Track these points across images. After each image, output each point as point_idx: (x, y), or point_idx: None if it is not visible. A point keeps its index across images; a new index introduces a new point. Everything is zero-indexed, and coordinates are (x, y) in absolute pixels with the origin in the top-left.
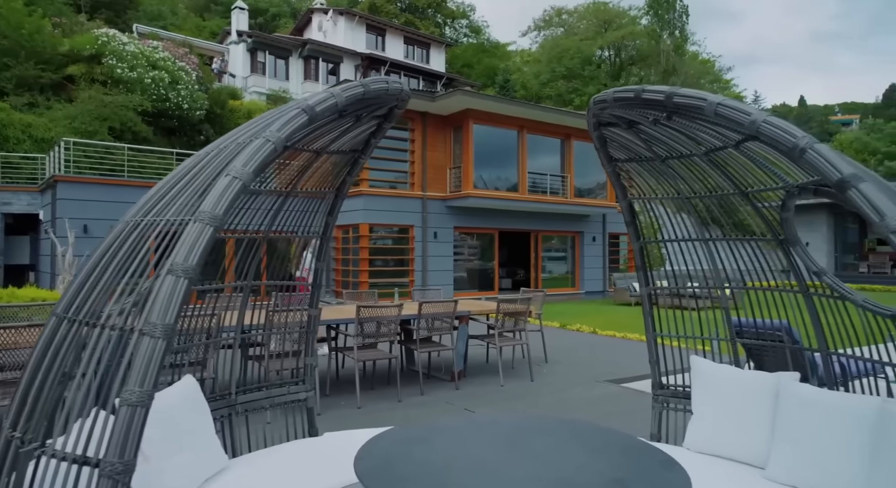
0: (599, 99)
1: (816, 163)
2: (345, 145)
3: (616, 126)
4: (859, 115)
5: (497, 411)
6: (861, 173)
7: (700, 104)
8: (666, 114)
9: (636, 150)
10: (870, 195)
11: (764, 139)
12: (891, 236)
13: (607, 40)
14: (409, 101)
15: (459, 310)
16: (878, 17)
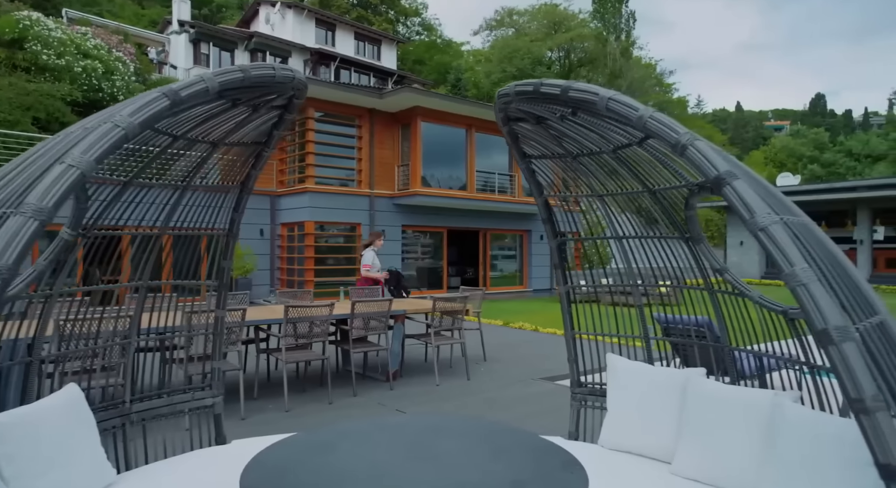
0: (503, 93)
1: (696, 159)
2: (245, 137)
3: (525, 121)
4: (790, 121)
5: (428, 411)
6: (736, 171)
7: (592, 98)
8: (570, 109)
9: (548, 147)
10: (742, 192)
11: (651, 135)
12: (758, 233)
13: (557, 42)
14: (307, 89)
15: (394, 308)
16: (794, 30)
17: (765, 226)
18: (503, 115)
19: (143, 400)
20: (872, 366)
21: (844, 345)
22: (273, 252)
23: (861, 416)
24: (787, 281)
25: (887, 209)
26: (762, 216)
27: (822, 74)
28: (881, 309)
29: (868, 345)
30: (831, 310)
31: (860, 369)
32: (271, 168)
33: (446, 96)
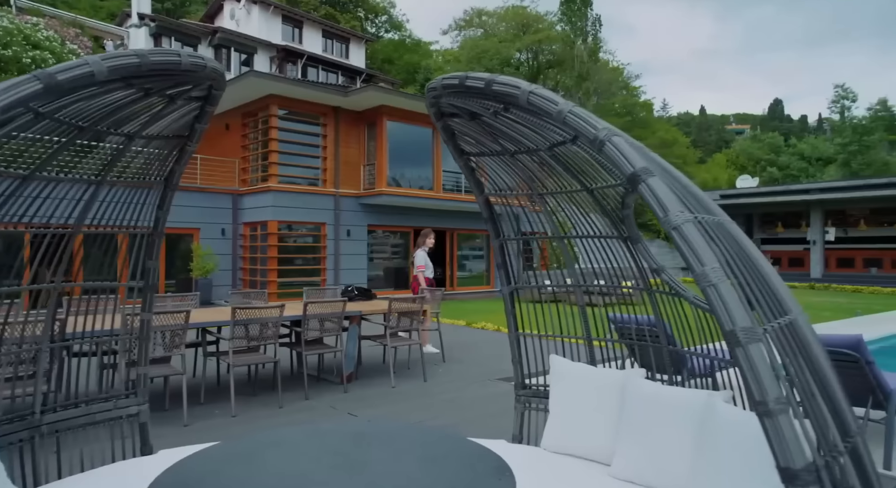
0: (431, 87)
1: (612, 155)
2: (165, 130)
3: (459, 117)
4: (750, 125)
5: (381, 414)
6: (653, 168)
7: (514, 92)
8: (502, 105)
9: (486, 144)
10: (657, 190)
11: (570, 130)
12: (672, 232)
13: (525, 43)
14: (224, 79)
15: (350, 309)
16: (749, 37)
17: (677, 225)
18: (435, 109)
19: (56, 411)
20: (778, 367)
21: (750, 346)
22: (235, 252)
23: (764, 419)
24: (697, 281)
25: (837, 211)
26: (675, 214)
27: (781, 80)
28: (792, 308)
29: (775, 346)
30: (739, 311)
31: (765, 371)
32: (233, 166)
33: (413, 95)
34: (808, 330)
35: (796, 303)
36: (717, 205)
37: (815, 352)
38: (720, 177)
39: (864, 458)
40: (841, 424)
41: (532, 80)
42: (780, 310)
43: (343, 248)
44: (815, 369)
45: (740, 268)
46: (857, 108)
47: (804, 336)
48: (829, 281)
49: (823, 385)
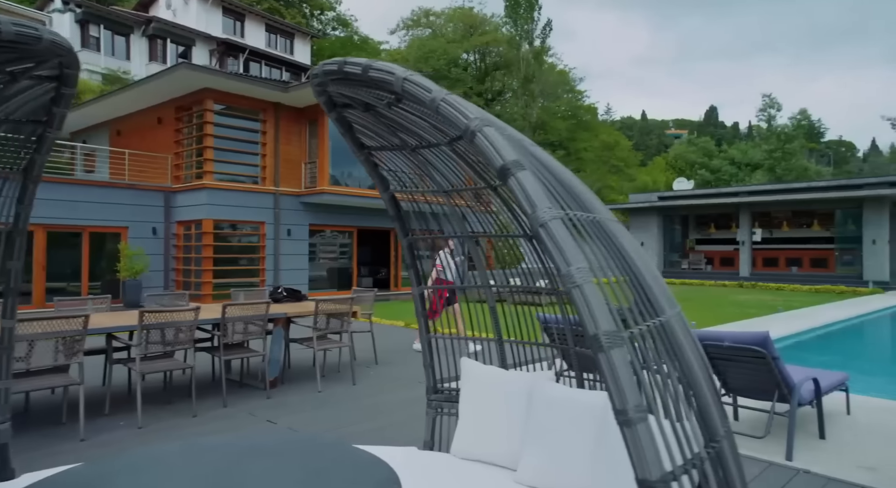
0: (312, 73)
1: (483, 147)
2: (14, 114)
3: (353, 108)
4: (688, 130)
5: (301, 420)
6: (527, 161)
7: (389, 79)
8: (394, 96)
9: (386, 138)
10: (526, 185)
11: (443, 119)
12: (539, 230)
13: (472, 44)
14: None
15: (275, 312)
16: (681, 47)
17: (544, 222)
18: (325, 98)
19: None
20: (643, 371)
21: (613, 351)
22: (168, 252)
23: (623, 428)
24: (563, 281)
25: (763, 213)
26: (543, 211)
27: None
28: (666, 309)
29: (646, 349)
30: (603, 314)
31: (626, 378)
32: (166, 163)
33: None
34: (682, 330)
35: (673, 303)
36: (599, 204)
37: (687, 354)
38: (659, 179)
39: (728, 462)
40: (707, 427)
41: (480, 81)
42: (652, 311)
43: (283, 248)
44: (686, 371)
45: (613, 268)
46: (782, 116)
47: (676, 337)
48: (756, 279)
49: (693, 387)
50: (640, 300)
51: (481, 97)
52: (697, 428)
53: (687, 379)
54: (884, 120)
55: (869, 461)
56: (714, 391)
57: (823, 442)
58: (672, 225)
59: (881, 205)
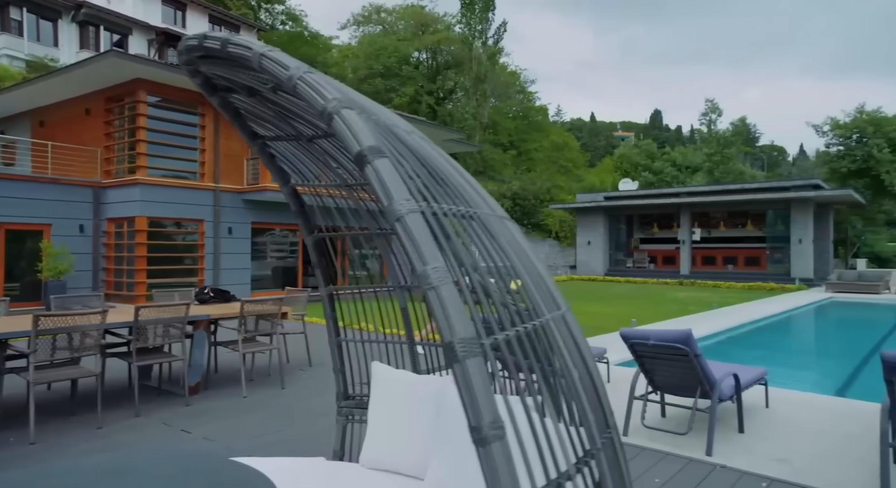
0: (178, 50)
1: (340, 131)
2: None
3: (236, 92)
4: (634, 133)
5: (221, 428)
6: (385, 149)
7: (247, 54)
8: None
9: (280, 126)
10: (383, 174)
11: (301, 99)
12: (395, 224)
13: (424, 43)
14: None
15: (196, 313)
16: (626, 51)
17: (401, 216)
18: (201, 80)
19: None
20: (506, 380)
21: (469, 361)
22: (97, 251)
23: (478, 447)
24: (419, 282)
25: (702, 213)
26: (400, 203)
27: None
28: (545, 312)
29: (503, 358)
30: (460, 320)
31: (482, 392)
32: (95, 156)
33: None
34: (564, 332)
35: (556, 304)
36: (487, 200)
37: (564, 358)
38: (606, 180)
39: (605, 477)
40: (587, 435)
41: (432, 80)
42: (530, 313)
43: (224, 247)
44: (563, 376)
45: (491, 268)
46: (722, 122)
47: (554, 341)
48: (695, 277)
49: (570, 393)
50: (518, 302)
51: (432, 95)
52: (576, 436)
53: (566, 385)
54: (808, 126)
55: (782, 453)
56: (597, 396)
57: (742, 435)
58: (618, 224)
59: (806, 206)
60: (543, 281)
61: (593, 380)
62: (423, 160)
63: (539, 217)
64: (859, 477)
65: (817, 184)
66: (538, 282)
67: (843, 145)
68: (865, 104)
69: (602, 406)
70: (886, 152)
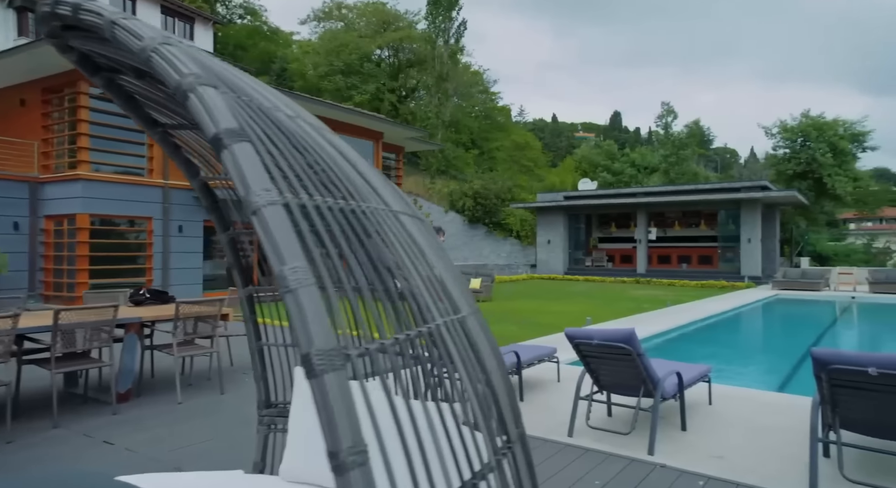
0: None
1: (196, 110)
2: None
3: (124, 73)
4: (595, 134)
5: (151, 438)
6: (250, 133)
7: (98, 22)
8: None
9: (180, 113)
10: (241, 161)
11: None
12: (252, 218)
13: (386, 40)
14: None
15: (127, 315)
16: (585, 54)
17: (258, 208)
18: (75, 57)
19: None
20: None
21: (328, 376)
22: (34, 250)
23: (335, 475)
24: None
25: (658, 213)
26: (258, 194)
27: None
28: (436, 315)
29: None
30: (319, 328)
31: (341, 412)
32: (31, 150)
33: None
34: (456, 338)
35: (455, 307)
36: (374, 192)
37: (460, 366)
38: (567, 180)
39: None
40: (478, 453)
41: (393, 78)
42: (414, 320)
43: (174, 246)
44: (457, 384)
45: (369, 271)
46: (677, 124)
47: (447, 346)
48: (651, 276)
49: (465, 409)
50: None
51: (395, 94)
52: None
53: (472, 395)
54: (759, 127)
55: (720, 450)
56: (486, 410)
57: (685, 433)
58: (577, 224)
59: (755, 206)
60: (443, 284)
61: (494, 390)
62: (305, 148)
63: (500, 216)
64: (791, 472)
65: (765, 186)
66: (434, 284)
67: (789, 148)
68: (810, 109)
69: (503, 417)
70: (828, 156)
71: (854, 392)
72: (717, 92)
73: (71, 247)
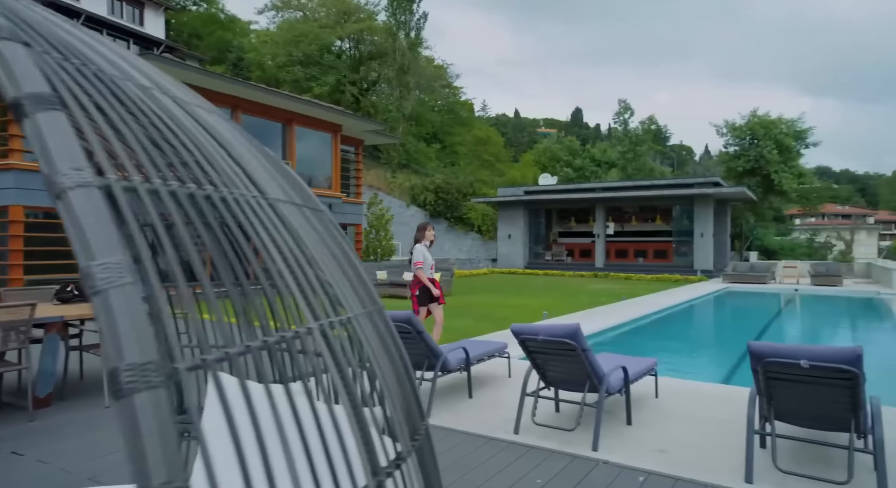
0: None
1: None
2: None
3: None
4: (557, 130)
5: (68, 448)
6: (68, 98)
7: None
8: None
9: None
10: (47, 133)
11: None
12: (57, 203)
13: (346, 31)
14: None
15: (48, 315)
16: (547, 51)
17: (64, 190)
18: None
19: None
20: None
21: (139, 397)
22: None
23: None
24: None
25: (616, 208)
26: (66, 173)
27: (580, 91)
28: (321, 316)
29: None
30: (131, 339)
31: (152, 442)
32: None
33: (207, 72)
34: (333, 340)
35: (339, 307)
36: (248, 178)
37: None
38: (528, 175)
39: None
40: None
41: (354, 70)
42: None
43: None
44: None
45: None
46: (634, 121)
47: (332, 346)
48: (609, 270)
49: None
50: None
51: (356, 86)
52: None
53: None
54: (711, 126)
55: (663, 443)
56: (363, 425)
57: (630, 428)
58: (537, 218)
59: (707, 202)
60: (325, 283)
61: (385, 397)
62: (155, 125)
63: (462, 211)
64: (729, 464)
65: (717, 182)
66: (311, 283)
67: (739, 146)
68: (758, 108)
69: (394, 431)
70: (775, 153)
71: (788, 384)
72: (673, 90)
73: (3, 240)
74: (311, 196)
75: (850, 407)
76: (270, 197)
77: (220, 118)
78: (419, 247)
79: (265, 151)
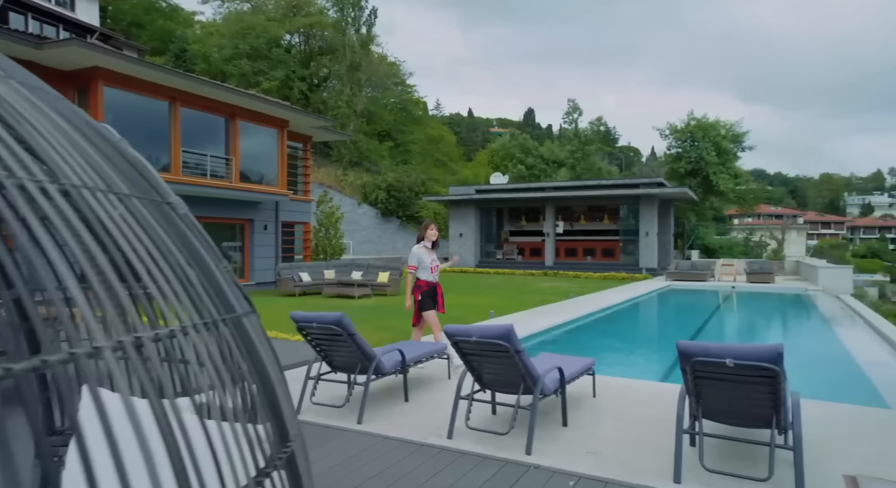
0: None
1: None
2: None
3: None
4: (510, 129)
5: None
6: None
7: None
8: None
9: None
10: None
11: None
12: None
13: (295, 26)
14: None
15: None
16: (500, 50)
17: None
18: None
19: None
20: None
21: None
22: None
23: None
24: None
25: (565, 207)
26: None
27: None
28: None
29: None
30: None
31: None
32: None
33: (143, 62)
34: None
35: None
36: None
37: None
38: (480, 173)
39: None
40: None
41: (304, 66)
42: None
43: None
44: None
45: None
46: (583, 121)
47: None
48: (558, 268)
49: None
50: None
51: (305, 81)
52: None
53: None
54: (654, 129)
55: (597, 445)
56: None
57: (565, 429)
58: (489, 217)
59: (652, 202)
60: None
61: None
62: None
63: (414, 209)
64: (659, 464)
65: (661, 183)
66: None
67: (681, 148)
68: (694, 111)
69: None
70: (713, 155)
71: (715, 382)
72: (621, 93)
73: None
74: (154, 186)
75: (772, 404)
76: (67, 184)
77: (22, 88)
78: (415, 248)
79: (102, 134)
